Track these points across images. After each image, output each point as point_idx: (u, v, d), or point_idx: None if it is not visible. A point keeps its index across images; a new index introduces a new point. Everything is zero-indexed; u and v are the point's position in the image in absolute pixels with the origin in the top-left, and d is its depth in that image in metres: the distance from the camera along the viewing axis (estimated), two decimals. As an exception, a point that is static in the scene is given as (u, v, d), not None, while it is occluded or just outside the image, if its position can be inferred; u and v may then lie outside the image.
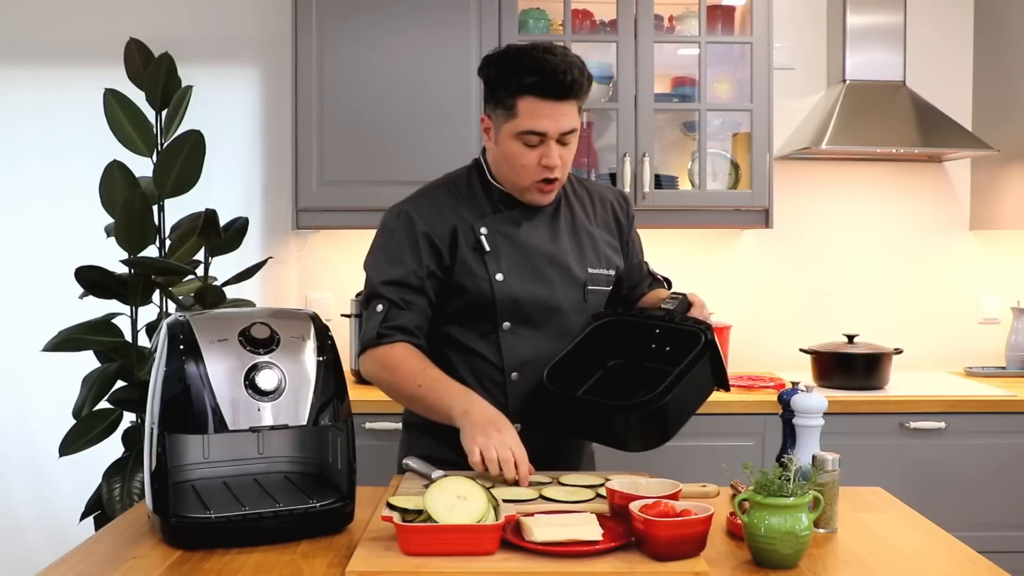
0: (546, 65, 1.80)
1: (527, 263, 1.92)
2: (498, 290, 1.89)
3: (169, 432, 1.51)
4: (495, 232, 1.91)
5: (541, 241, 1.94)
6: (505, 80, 1.84)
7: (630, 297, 2.13)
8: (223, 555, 1.47)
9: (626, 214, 2.11)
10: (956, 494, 2.98)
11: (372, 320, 1.90)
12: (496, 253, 1.90)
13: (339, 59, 3.17)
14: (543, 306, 1.91)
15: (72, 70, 3.46)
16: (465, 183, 1.97)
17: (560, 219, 1.98)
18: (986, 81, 3.53)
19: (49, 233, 3.46)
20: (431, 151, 3.10)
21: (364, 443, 2.14)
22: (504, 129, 1.86)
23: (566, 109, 1.83)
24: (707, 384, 1.81)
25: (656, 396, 1.67)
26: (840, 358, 3.15)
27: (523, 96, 1.82)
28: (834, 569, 1.44)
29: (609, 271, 2.02)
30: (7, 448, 3.49)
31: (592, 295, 1.98)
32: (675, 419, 1.74)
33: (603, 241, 2.03)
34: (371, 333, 1.89)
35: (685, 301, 1.90)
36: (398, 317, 1.88)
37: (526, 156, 1.85)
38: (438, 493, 1.45)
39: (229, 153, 3.44)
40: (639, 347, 1.89)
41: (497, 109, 1.87)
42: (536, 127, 1.83)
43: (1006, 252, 3.64)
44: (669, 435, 1.74)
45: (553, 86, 1.81)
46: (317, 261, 3.53)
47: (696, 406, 1.80)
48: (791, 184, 3.55)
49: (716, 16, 3.32)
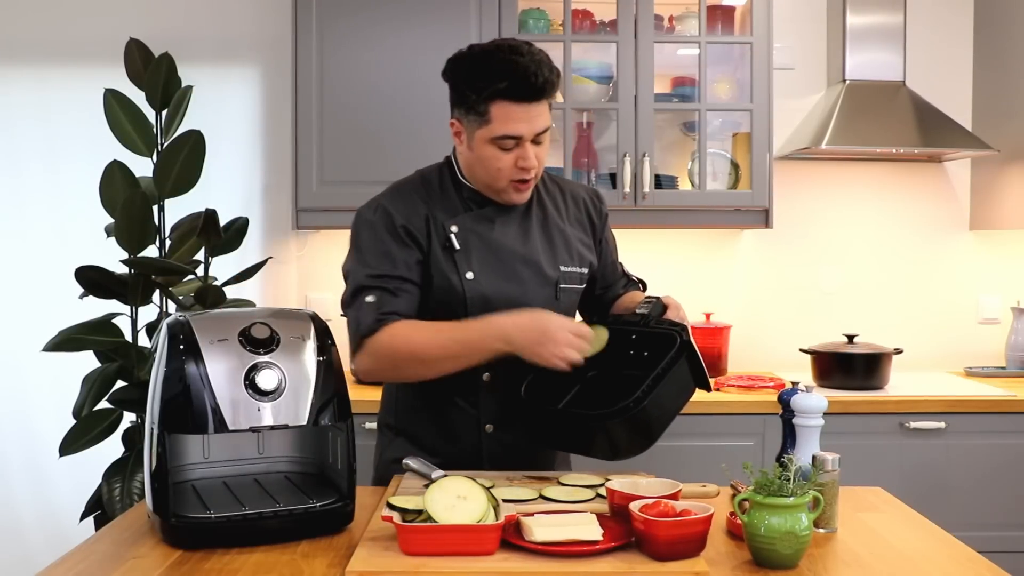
0: (516, 68, 1.77)
1: (498, 262, 1.90)
2: (468, 289, 1.87)
3: (169, 432, 1.51)
4: (466, 230, 1.89)
5: (512, 240, 1.92)
6: (475, 85, 1.79)
7: (604, 298, 2.11)
8: (223, 555, 1.47)
9: (599, 212, 2.08)
10: (956, 494, 2.98)
11: (365, 310, 1.82)
12: (466, 252, 1.88)
13: (339, 59, 3.17)
14: (514, 305, 1.87)
15: (72, 70, 3.46)
16: (437, 181, 1.95)
17: (532, 217, 1.96)
18: (986, 81, 3.53)
19: (49, 233, 3.46)
20: (431, 151, 3.05)
21: (364, 443, 2.14)
22: (478, 135, 1.83)
23: (539, 109, 1.81)
24: (687, 385, 1.78)
25: (634, 402, 1.65)
26: (840, 358, 3.15)
27: (495, 101, 1.78)
28: (834, 569, 1.44)
29: (582, 269, 2.00)
30: (7, 448, 3.49)
31: (564, 293, 1.96)
32: (657, 423, 1.72)
33: (576, 239, 2.01)
34: (368, 320, 1.81)
35: (659, 304, 1.88)
36: (392, 303, 1.83)
37: (502, 159, 1.83)
38: (438, 493, 1.45)
39: (229, 153, 3.44)
40: (617, 355, 1.85)
41: (469, 115, 1.83)
42: (512, 131, 1.80)
43: (1006, 252, 3.64)
44: (652, 439, 1.72)
45: (526, 89, 1.77)
46: (317, 261, 3.53)
47: (678, 408, 1.77)
48: (791, 184, 3.55)
49: (716, 16, 3.32)
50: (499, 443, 1.92)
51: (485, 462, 1.92)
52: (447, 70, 1.87)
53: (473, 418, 1.92)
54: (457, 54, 1.87)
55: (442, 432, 1.94)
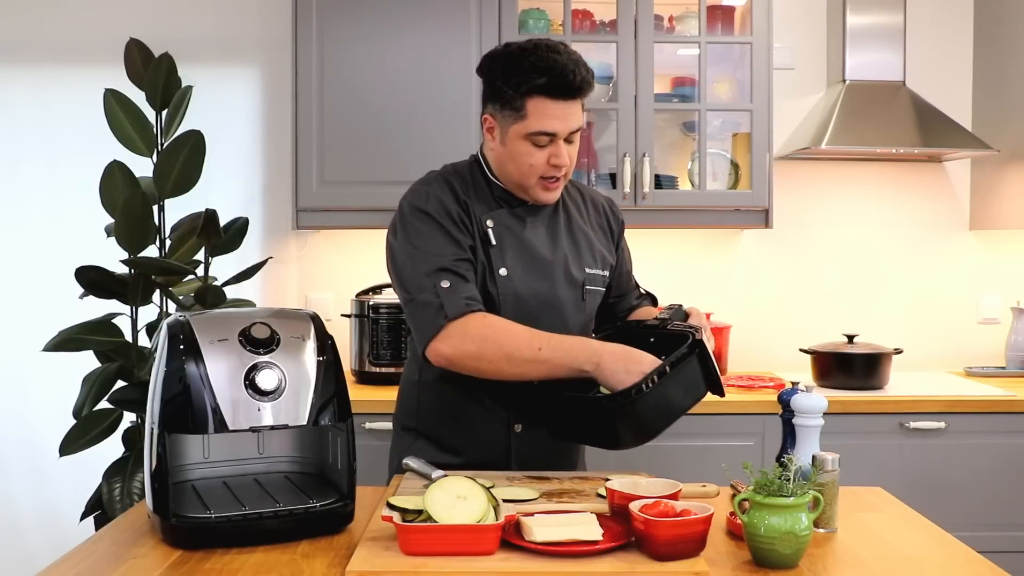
0: (555, 65, 1.79)
1: (530, 261, 1.91)
2: (501, 285, 1.87)
3: (169, 432, 1.51)
4: (500, 227, 1.91)
5: (542, 240, 1.94)
6: (512, 81, 1.81)
7: (617, 306, 2.13)
8: (223, 555, 1.47)
9: (616, 220, 2.11)
10: (956, 494, 2.98)
11: (447, 295, 1.78)
12: (501, 248, 1.89)
13: (339, 59, 3.17)
14: (545, 303, 1.90)
15: (72, 70, 3.46)
16: (469, 175, 1.95)
17: (559, 220, 1.98)
18: (986, 81, 3.53)
19: (49, 233, 3.47)
20: (431, 151, 3.10)
21: (364, 443, 2.14)
22: (512, 130, 1.84)
23: (574, 108, 1.83)
24: (696, 384, 1.77)
25: (635, 389, 1.66)
26: (840, 358, 3.15)
27: (533, 97, 1.80)
28: (834, 569, 1.44)
29: (604, 272, 2.02)
30: (7, 448, 3.49)
31: (590, 295, 1.99)
32: (660, 415, 1.72)
33: (598, 242, 2.04)
34: (458, 304, 1.77)
35: (681, 311, 1.90)
36: (468, 289, 1.81)
37: (535, 156, 1.84)
38: (438, 493, 1.45)
39: (229, 153, 3.44)
40: None
41: (504, 110, 1.84)
42: (547, 128, 1.81)
43: (1006, 252, 3.64)
44: (653, 431, 1.72)
45: (563, 86, 1.79)
46: (317, 261, 3.53)
47: (684, 407, 1.77)
48: (791, 184, 3.55)
49: (716, 16, 3.32)
50: (528, 443, 1.92)
51: (513, 462, 1.91)
52: (482, 66, 1.88)
53: (502, 418, 1.92)
54: (493, 51, 1.89)
55: (469, 433, 1.92)
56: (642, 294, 2.19)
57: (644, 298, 2.19)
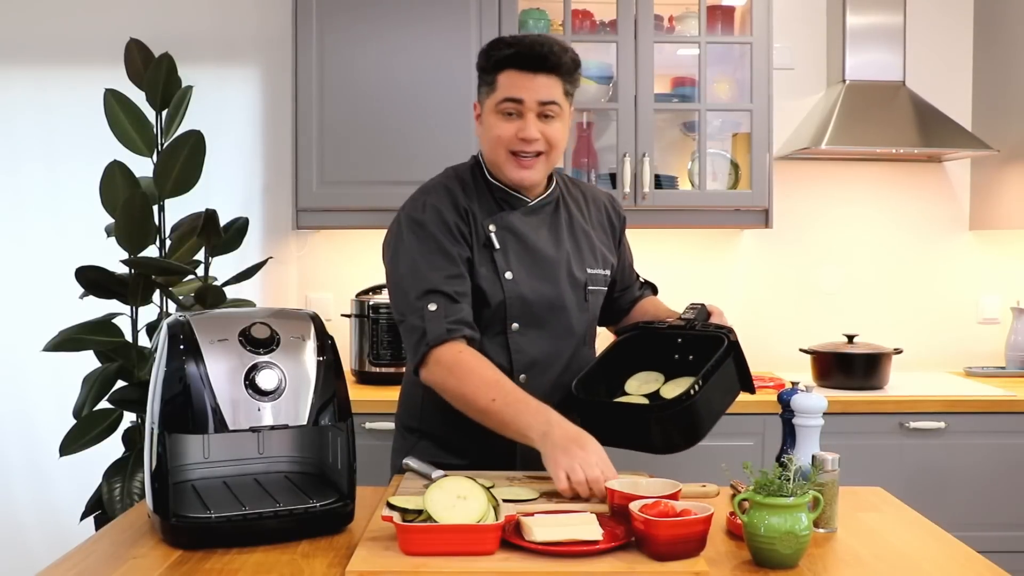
0: (525, 39, 1.88)
1: (534, 263, 1.92)
2: (508, 289, 1.88)
3: (169, 432, 1.51)
4: (503, 230, 1.91)
5: (544, 241, 1.94)
6: (488, 56, 1.89)
7: (620, 300, 2.15)
8: (223, 555, 1.47)
9: (618, 216, 2.13)
10: (956, 494, 2.98)
11: (432, 320, 1.79)
12: (504, 251, 1.90)
13: (339, 59, 3.17)
14: (550, 306, 1.91)
15: (72, 70, 3.46)
16: (470, 178, 1.96)
17: (560, 219, 1.99)
18: (986, 81, 3.53)
19: (49, 233, 3.47)
20: (431, 151, 3.10)
21: (364, 443, 2.14)
22: (487, 105, 1.91)
23: (544, 81, 1.86)
24: (733, 385, 1.84)
25: (686, 395, 1.70)
26: (840, 358, 3.15)
27: (503, 70, 1.86)
28: (834, 569, 1.44)
29: (606, 271, 2.03)
30: (7, 448, 3.49)
31: (592, 295, 1.99)
32: (706, 419, 1.76)
33: (599, 241, 2.04)
34: (439, 331, 1.79)
35: (704, 310, 1.93)
36: (456, 311, 1.82)
37: (503, 127, 1.87)
38: (438, 493, 1.45)
39: (229, 153, 3.44)
40: (663, 359, 1.92)
41: (482, 89, 1.92)
42: (512, 94, 1.85)
43: (1006, 252, 3.64)
44: (699, 436, 1.76)
45: (530, 57, 1.85)
46: (317, 261, 3.53)
47: (724, 407, 1.82)
48: (791, 184, 3.55)
49: (716, 16, 3.32)
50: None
51: (519, 462, 1.91)
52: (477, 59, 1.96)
53: None
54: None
55: (473, 433, 1.90)
56: (643, 283, 2.22)
57: (645, 287, 2.22)
